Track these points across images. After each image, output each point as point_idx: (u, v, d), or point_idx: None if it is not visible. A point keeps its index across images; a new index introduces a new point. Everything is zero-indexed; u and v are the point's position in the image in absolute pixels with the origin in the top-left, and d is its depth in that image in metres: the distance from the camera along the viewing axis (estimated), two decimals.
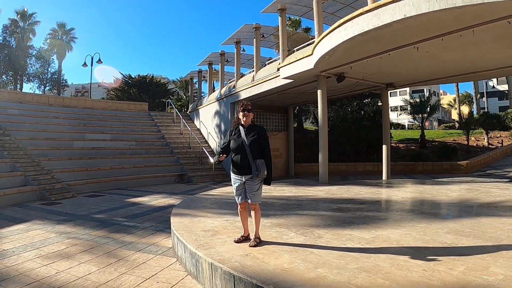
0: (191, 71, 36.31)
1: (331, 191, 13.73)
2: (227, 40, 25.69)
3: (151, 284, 5.67)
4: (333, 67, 15.96)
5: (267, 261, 5.24)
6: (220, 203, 11.37)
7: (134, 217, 11.47)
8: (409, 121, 56.16)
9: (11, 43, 48.30)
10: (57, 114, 25.25)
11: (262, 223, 7.53)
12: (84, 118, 26.34)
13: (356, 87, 21.23)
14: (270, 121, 27.36)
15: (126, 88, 46.91)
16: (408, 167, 26.10)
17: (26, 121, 22.57)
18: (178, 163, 23.62)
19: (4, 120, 21.06)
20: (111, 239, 8.60)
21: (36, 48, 51.56)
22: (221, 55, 28.34)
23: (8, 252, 7.59)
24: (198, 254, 5.69)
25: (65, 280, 5.88)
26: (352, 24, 11.74)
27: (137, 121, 29.24)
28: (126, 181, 20.15)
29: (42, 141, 20.93)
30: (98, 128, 25.22)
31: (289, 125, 28.38)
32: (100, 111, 28.68)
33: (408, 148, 33.58)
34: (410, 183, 17.00)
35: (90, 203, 14.53)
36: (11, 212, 12.74)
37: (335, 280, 4.46)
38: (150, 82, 48.26)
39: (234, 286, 4.77)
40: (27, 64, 49.34)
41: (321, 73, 16.84)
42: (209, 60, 30.69)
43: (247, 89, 22.77)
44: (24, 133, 20.79)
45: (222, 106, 26.67)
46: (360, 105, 32.09)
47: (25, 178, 16.29)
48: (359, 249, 5.79)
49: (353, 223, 7.84)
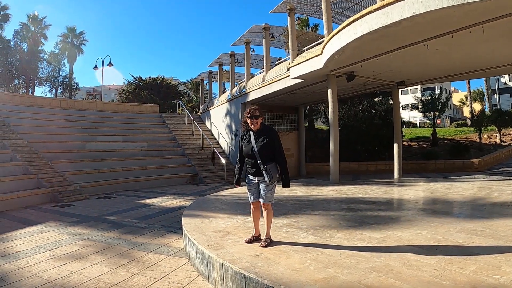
0: (202, 73, 36.43)
1: (342, 191, 13.70)
2: (237, 41, 25.67)
3: (163, 285, 5.70)
4: (342, 66, 15.93)
5: (278, 261, 5.25)
6: (231, 204, 11.40)
7: (146, 218, 11.53)
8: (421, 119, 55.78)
9: (23, 47, 48.62)
10: (69, 117, 25.42)
11: (273, 223, 7.53)
12: (96, 120, 26.55)
13: (366, 86, 21.16)
14: (281, 121, 27.35)
15: (137, 90, 47.03)
16: (419, 166, 25.99)
17: (38, 124, 22.79)
18: (190, 164, 23.68)
19: (16, 124, 21.27)
20: (123, 240, 8.66)
21: (47, 52, 51.89)
22: (231, 56, 28.40)
23: (21, 253, 7.68)
24: (209, 254, 5.72)
25: (77, 281, 5.93)
26: (361, 22, 11.71)
27: (148, 123, 29.39)
28: (138, 183, 20.26)
29: (54, 144, 21.05)
30: (110, 130, 25.36)
31: (300, 125, 28.36)
32: (112, 114, 28.88)
33: (419, 147, 33.47)
34: (422, 181, 16.91)
35: (102, 205, 14.63)
36: (24, 214, 12.87)
37: (345, 280, 4.46)
38: (160, 84, 48.33)
39: (245, 286, 4.79)
40: (39, 68, 49.56)
41: (331, 73, 16.82)
42: (219, 61, 30.71)
43: (258, 89, 22.79)
44: (37, 136, 20.94)
45: (232, 107, 26.73)
46: (371, 103, 31.97)
47: (38, 180, 16.41)
48: (370, 249, 5.78)
49: (365, 222, 7.82)
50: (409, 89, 63.39)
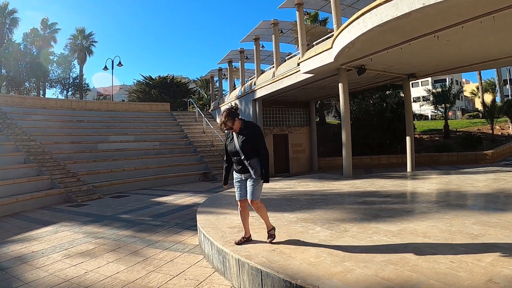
0: (212, 70, 36.56)
1: (355, 185, 13.69)
2: (246, 37, 25.72)
3: (179, 281, 5.72)
4: (353, 59, 15.87)
5: (293, 255, 5.25)
6: None
7: (160, 216, 11.58)
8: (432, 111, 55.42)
9: (32, 50, 48.90)
10: (81, 118, 25.57)
11: (287, 218, 7.61)
12: (107, 120, 26.68)
13: (377, 79, 21.09)
14: (292, 116, 27.38)
15: (147, 89, 47.13)
16: (432, 158, 25.88)
17: (51, 125, 22.96)
18: (202, 161, 23.69)
19: (29, 126, 21.39)
20: (138, 238, 8.71)
21: (57, 54, 52.15)
22: (241, 52, 28.45)
23: (37, 253, 7.74)
24: (225, 250, 5.74)
25: (94, 280, 5.98)
26: (371, 15, 11.66)
27: (159, 122, 29.46)
28: (150, 181, 20.34)
29: (67, 144, 21.19)
30: (122, 130, 25.48)
31: (311, 120, 28.34)
32: (123, 113, 28.99)
33: (432, 139, 33.30)
34: (435, 174, 16.86)
35: (116, 204, 14.72)
36: (39, 215, 12.98)
37: (362, 273, 4.45)
38: (170, 83, 48.33)
39: (262, 281, 4.80)
40: (49, 70, 49.84)
41: (341, 66, 16.78)
42: (228, 58, 30.81)
43: (268, 85, 22.78)
44: (49, 137, 21.04)
45: (243, 103, 26.72)
46: (382, 97, 31.83)
47: (52, 181, 16.53)
48: (385, 242, 5.79)
49: (379, 216, 7.81)
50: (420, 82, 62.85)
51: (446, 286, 3.97)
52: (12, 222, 11.82)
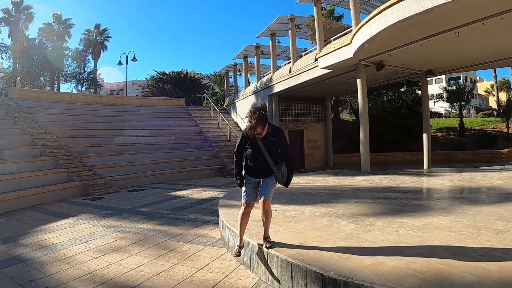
0: (226, 65, 36.47)
1: (374, 181, 13.68)
2: (262, 33, 25.69)
3: (205, 274, 5.72)
4: (372, 55, 15.84)
5: (323, 248, 5.25)
6: None
7: (178, 210, 11.61)
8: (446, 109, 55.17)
9: (47, 45, 49.25)
10: (96, 112, 25.80)
11: (311, 212, 7.62)
12: (123, 115, 26.84)
13: (395, 75, 21.01)
14: (308, 112, 27.28)
15: (161, 84, 47.29)
16: (447, 156, 25.65)
17: (66, 120, 23.12)
18: (217, 156, 23.72)
19: (44, 120, 21.60)
20: (159, 232, 8.74)
21: (71, 49, 52.46)
22: (256, 47, 28.38)
23: (57, 246, 7.77)
24: (252, 243, 5.74)
25: (117, 272, 5.99)
26: (392, 10, 11.63)
27: (174, 116, 29.58)
28: (166, 175, 20.42)
29: (82, 138, 21.37)
30: (137, 124, 25.59)
31: (327, 116, 28.25)
32: (138, 108, 29.12)
33: (446, 137, 33.04)
34: (452, 171, 16.82)
35: (133, 197, 14.78)
36: (56, 207, 13.06)
37: (393, 266, 4.45)
38: (184, 78, 48.45)
39: (292, 274, 4.79)
40: (64, 65, 50.13)
41: (360, 62, 16.74)
42: (244, 54, 30.77)
43: (284, 80, 22.72)
44: (65, 131, 21.26)
45: (259, 99, 26.60)
46: (398, 93, 31.64)
47: (68, 174, 16.68)
48: (412, 236, 5.78)
49: (402, 211, 7.81)
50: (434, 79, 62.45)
51: (478, 278, 3.97)
52: (30, 214, 11.89)
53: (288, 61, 24.95)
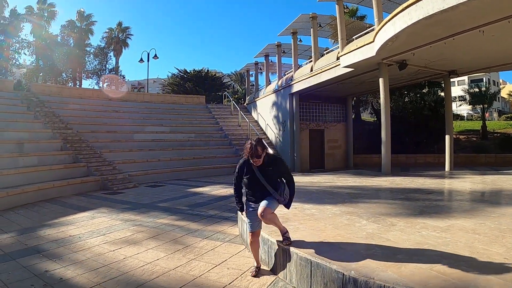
0: (248, 64, 36.56)
1: (395, 182, 13.53)
2: (283, 31, 25.64)
3: (222, 271, 5.67)
4: (395, 54, 15.66)
5: (343, 247, 5.15)
6: None
7: (197, 206, 11.59)
8: (468, 112, 54.62)
9: (69, 42, 49.73)
10: (117, 108, 26.04)
11: (331, 211, 7.53)
12: (143, 111, 26.99)
13: (417, 75, 20.77)
14: (329, 111, 27.14)
15: (182, 82, 47.52)
16: (469, 159, 25.31)
17: (87, 115, 23.34)
18: (237, 154, 23.60)
19: (66, 115, 21.84)
20: (176, 227, 8.73)
21: (93, 46, 53.02)
22: (278, 46, 28.36)
23: (75, 238, 7.83)
24: (271, 240, 5.65)
25: (133, 265, 5.99)
26: (416, 8, 11.46)
27: (195, 114, 29.66)
28: (185, 172, 20.48)
29: (103, 133, 21.56)
30: (157, 121, 25.75)
31: (348, 116, 28.07)
32: (159, 105, 29.30)
33: (469, 140, 32.69)
34: (474, 174, 16.59)
35: (152, 193, 14.83)
36: (75, 200, 13.20)
37: (416, 266, 4.34)
38: (205, 76, 48.72)
39: (311, 272, 4.69)
40: (86, 62, 50.65)
41: (382, 61, 16.57)
42: (265, 52, 30.73)
43: (306, 79, 22.62)
44: (86, 126, 21.46)
45: (280, 98, 26.63)
46: (421, 94, 31.32)
47: (88, 169, 16.85)
48: (435, 237, 5.63)
49: (424, 212, 7.66)
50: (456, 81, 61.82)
51: (505, 282, 3.85)
52: (48, 207, 12.02)
53: (309, 60, 24.87)
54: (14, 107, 20.43)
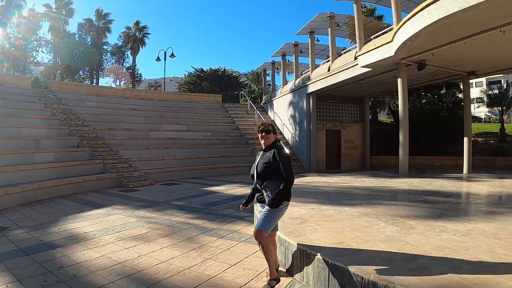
0: (264, 63, 36.57)
1: (413, 183, 13.40)
2: (301, 30, 25.59)
3: (237, 271, 5.63)
4: (414, 54, 15.49)
5: (362, 249, 5.05)
6: (301, 192, 11.33)
7: (212, 205, 11.60)
8: (486, 114, 53.94)
9: (87, 40, 50.17)
10: (133, 106, 26.24)
11: (349, 212, 7.42)
12: (160, 110, 27.22)
13: (436, 76, 20.52)
14: (346, 112, 27.00)
15: (198, 81, 47.66)
16: (487, 162, 24.96)
17: (104, 112, 23.66)
18: (253, 153, 23.48)
19: (83, 112, 22.15)
20: (191, 225, 8.72)
21: (111, 45, 53.44)
22: (295, 45, 28.23)
23: (89, 234, 7.86)
24: (289, 241, 5.57)
25: (147, 264, 5.97)
26: (436, 6, 11.31)
27: (211, 113, 29.80)
28: (201, 171, 20.59)
29: (119, 131, 21.75)
30: (174, 119, 25.89)
31: (365, 117, 27.89)
32: (175, 103, 29.55)
33: (486, 142, 32.28)
34: (493, 177, 16.32)
35: (167, 191, 14.90)
36: (91, 197, 13.30)
37: (437, 271, 4.22)
38: (222, 75, 48.82)
39: (329, 275, 4.60)
40: (103, 60, 51.01)
41: (401, 61, 16.39)
42: (282, 51, 30.71)
43: (323, 79, 22.48)
44: (102, 124, 21.70)
45: (296, 97, 26.54)
46: (439, 95, 31.00)
47: (104, 166, 17.06)
48: (455, 241, 5.50)
49: (444, 215, 7.52)
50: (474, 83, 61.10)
51: None
52: (64, 203, 12.13)
53: (327, 59, 24.78)
54: (31, 104, 20.65)
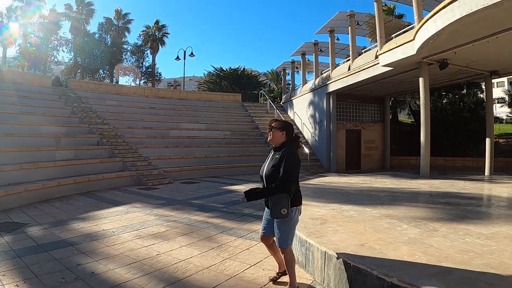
0: (284, 62, 36.59)
1: (434, 185, 13.17)
2: (321, 29, 25.47)
3: (257, 271, 5.60)
4: (436, 52, 15.27)
5: (385, 252, 4.94)
6: (321, 192, 11.23)
7: (232, 204, 11.58)
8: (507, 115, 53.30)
9: (107, 39, 50.62)
10: (153, 105, 26.51)
11: (370, 214, 7.30)
12: (179, 108, 27.44)
13: (457, 76, 20.27)
14: (366, 111, 26.90)
15: (218, 80, 47.86)
16: (509, 164, 24.54)
17: (124, 111, 23.91)
18: None
19: (103, 111, 22.39)
20: (210, 224, 8.73)
21: (130, 44, 53.87)
22: (315, 44, 28.14)
23: (108, 232, 7.92)
24: (310, 242, 5.49)
25: (166, 262, 5.97)
26: (459, 4, 11.10)
27: (231, 112, 29.98)
28: (220, 170, 20.64)
29: (139, 129, 21.96)
30: (193, 118, 26.05)
31: (385, 117, 27.71)
32: (195, 102, 29.72)
33: (508, 143, 31.80)
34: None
35: (186, 189, 14.93)
36: (110, 195, 13.42)
37: (462, 276, 4.12)
38: (241, 75, 48.99)
39: (351, 277, 4.52)
40: (123, 59, 51.43)
41: (423, 60, 16.16)
42: (302, 51, 30.62)
43: (343, 78, 22.38)
44: (122, 122, 21.96)
45: (316, 97, 26.47)
46: (460, 95, 30.63)
47: (123, 164, 17.23)
48: (480, 245, 5.36)
49: (467, 217, 7.35)
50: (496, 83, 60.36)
51: None
52: (83, 200, 12.27)
53: (347, 59, 24.66)
54: (52, 102, 20.97)
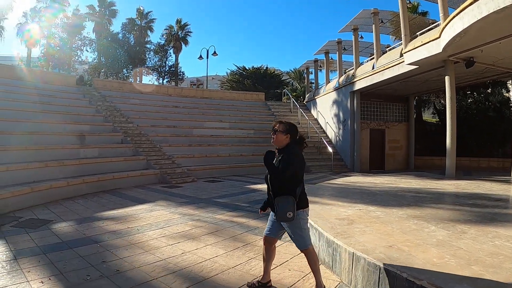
0: (307, 61, 36.43)
1: (460, 186, 13.01)
2: (344, 27, 25.30)
3: (283, 271, 5.58)
4: (462, 50, 15.04)
5: (414, 254, 4.87)
6: (346, 192, 11.18)
7: (256, 203, 11.53)
8: None
9: (130, 39, 50.99)
10: (176, 104, 26.71)
11: (397, 215, 7.21)
12: (203, 107, 27.55)
13: (484, 74, 20.02)
14: (390, 111, 26.67)
15: (241, 79, 47.94)
16: None
17: (147, 110, 24.09)
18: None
19: (127, 109, 22.65)
20: (235, 224, 8.76)
21: (153, 43, 54.17)
22: (338, 43, 27.94)
23: (132, 230, 7.97)
24: (337, 242, 5.44)
25: (191, 261, 5.97)
26: (486, 1, 10.92)
27: (254, 111, 30.01)
28: (244, 168, 20.72)
29: (162, 128, 22.15)
30: (217, 117, 26.14)
31: (410, 116, 27.43)
32: (218, 101, 29.84)
33: None
34: None
35: (210, 188, 15.00)
36: (134, 193, 13.55)
37: (493, 280, 4.02)
38: (264, 73, 48.96)
39: (379, 279, 4.47)
40: (146, 58, 51.77)
41: (449, 58, 15.93)
42: (325, 49, 30.36)
43: (368, 77, 22.28)
44: (146, 120, 22.13)
45: (340, 96, 26.36)
46: (485, 95, 30.16)
47: (147, 162, 17.40)
48: (509, 248, 5.23)
49: (495, 219, 7.23)
50: None
51: None
52: (107, 197, 12.42)
53: (370, 57, 24.53)
54: (76, 101, 21.27)
